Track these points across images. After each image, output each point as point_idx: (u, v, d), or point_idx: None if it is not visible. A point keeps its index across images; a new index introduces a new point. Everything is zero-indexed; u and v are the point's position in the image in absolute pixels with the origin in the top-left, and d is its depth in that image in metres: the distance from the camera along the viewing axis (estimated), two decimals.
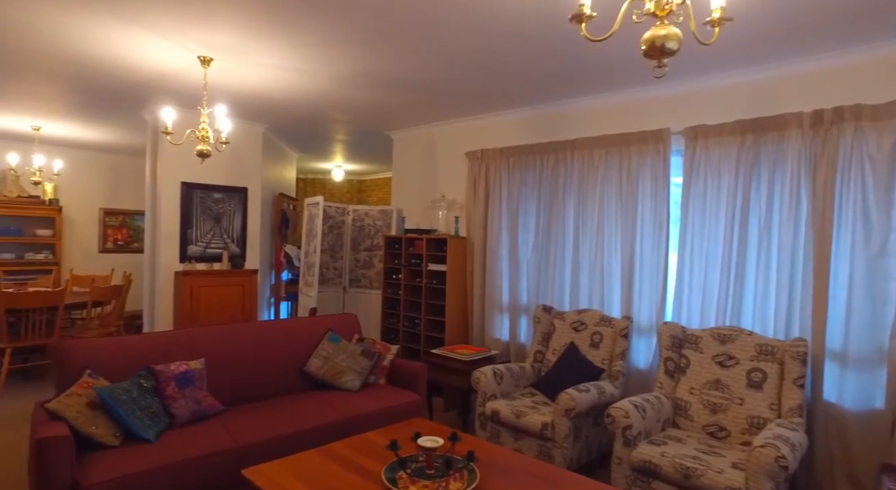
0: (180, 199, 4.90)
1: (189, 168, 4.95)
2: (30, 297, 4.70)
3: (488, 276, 4.61)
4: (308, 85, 3.97)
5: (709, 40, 1.42)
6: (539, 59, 3.28)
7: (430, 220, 5.25)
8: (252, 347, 3.41)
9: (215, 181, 5.13)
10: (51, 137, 6.39)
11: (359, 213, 5.70)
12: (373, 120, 5.12)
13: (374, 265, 5.63)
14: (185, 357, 3.11)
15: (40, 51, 3.34)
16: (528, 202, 4.41)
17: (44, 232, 6.87)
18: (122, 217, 7.81)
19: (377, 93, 4.15)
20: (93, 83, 4.04)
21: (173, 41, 3.14)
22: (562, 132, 4.25)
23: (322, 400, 3.29)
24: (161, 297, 4.85)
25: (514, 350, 4.42)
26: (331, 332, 3.77)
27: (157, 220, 4.88)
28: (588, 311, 3.77)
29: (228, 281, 5.00)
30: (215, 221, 5.13)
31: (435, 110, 4.70)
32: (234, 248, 5.26)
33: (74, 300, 5.10)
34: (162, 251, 4.84)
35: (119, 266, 7.65)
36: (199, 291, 4.80)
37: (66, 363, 2.75)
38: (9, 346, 4.67)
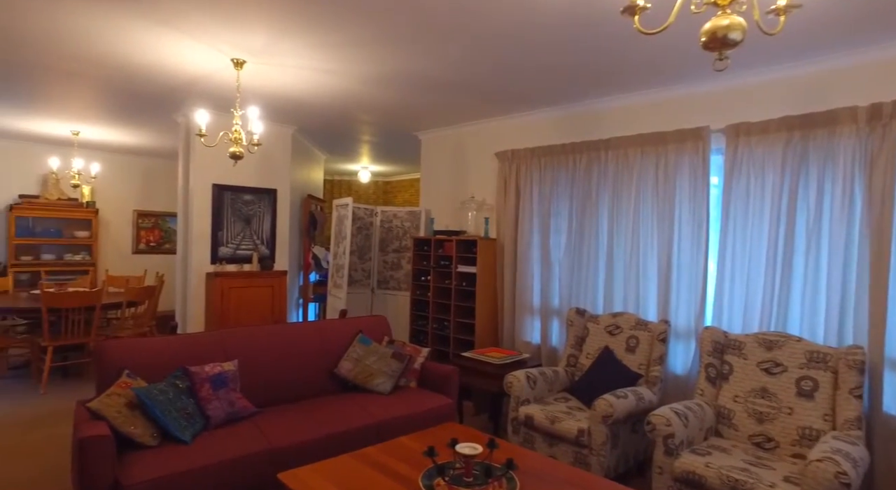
0: (211, 200, 4.96)
1: (220, 170, 5.00)
2: (70, 297, 4.81)
3: (519, 277, 4.54)
4: (337, 86, 3.97)
5: (773, 30, 1.34)
6: (573, 57, 3.20)
7: (459, 222, 5.21)
8: (284, 349, 3.41)
9: (245, 183, 5.17)
10: (89, 142, 6.56)
11: (387, 214, 5.69)
12: (400, 121, 5.10)
13: (402, 267, 5.61)
14: (219, 358, 3.12)
15: (82, 57, 3.40)
16: (560, 203, 4.32)
17: (81, 233, 7.05)
18: (155, 219, 7.96)
19: (406, 93, 4.12)
20: (130, 88, 4.11)
21: (208, 44, 3.16)
22: (595, 131, 4.16)
23: (353, 403, 3.27)
24: (193, 297, 4.91)
25: (546, 353, 4.33)
26: (361, 334, 3.75)
27: (189, 221, 4.94)
28: (623, 314, 3.67)
29: (258, 282, 5.04)
30: (245, 223, 5.17)
31: (464, 110, 4.65)
32: (264, 249, 5.29)
33: (110, 300, 5.20)
34: (194, 252, 4.90)
35: (151, 267, 7.80)
36: (230, 293, 4.85)
37: (105, 363, 2.79)
38: (51, 345, 4.78)
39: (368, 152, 7.10)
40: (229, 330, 3.32)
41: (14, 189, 6.80)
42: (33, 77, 3.91)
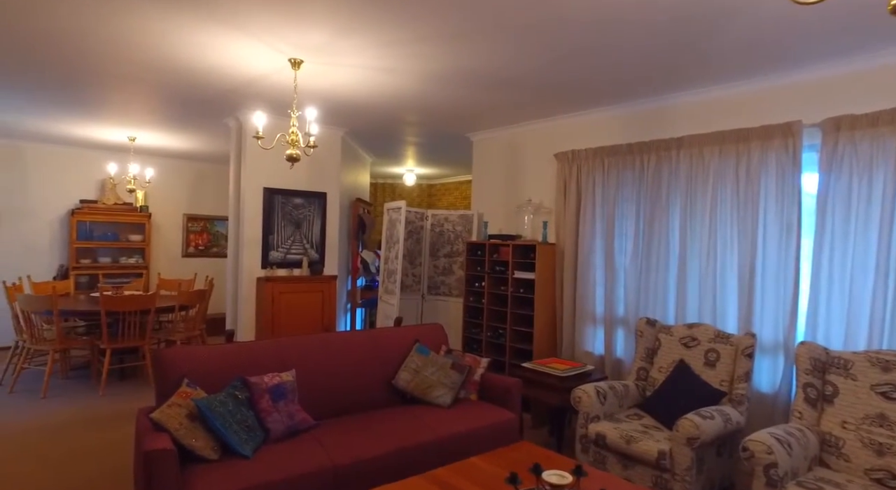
0: (262, 204, 4.92)
1: (271, 173, 4.96)
2: (126, 300, 4.85)
3: (580, 284, 4.30)
4: (393, 85, 3.84)
5: None
6: (646, 49, 2.97)
7: (514, 226, 5.01)
8: (340, 359, 3.29)
9: (296, 186, 5.12)
10: (144, 147, 6.68)
11: (438, 218, 5.54)
12: (453, 122, 4.95)
13: (453, 272, 5.45)
14: (276, 368, 3.02)
15: (140, 61, 3.38)
16: (626, 206, 4.07)
17: (135, 237, 7.19)
18: (203, 222, 8.06)
19: (464, 92, 3.96)
20: (185, 91, 4.10)
21: (267, 43, 3.08)
22: (665, 130, 3.89)
23: (413, 416, 3.11)
24: (244, 302, 4.87)
25: (610, 365, 4.08)
26: (418, 344, 3.60)
27: (241, 225, 4.91)
28: (700, 325, 3.39)
29: (308, 287, 4.96)
30: (295, 227, 5.11)
31: (522, 109, 4.46)
32: (314, 253, 5.22)
33: (163, 304, 5.23)
34: (244, 257, 4.87)
35: (200, 270, 7.90)
36: (280, 298, 4.79)
37: (165, 371, 2.72)
38: (109, 347, 4.83)
39: (414, 155, 6.99)
40: (286, 339, 3.22)
41: (75, 194, 6.99)
42: (94, 83, 3.94)
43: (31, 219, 6.76)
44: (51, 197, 6.86)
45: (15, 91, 4.23)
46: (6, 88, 4.15)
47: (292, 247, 5.09)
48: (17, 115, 5.14)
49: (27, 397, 4.66)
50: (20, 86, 4.07)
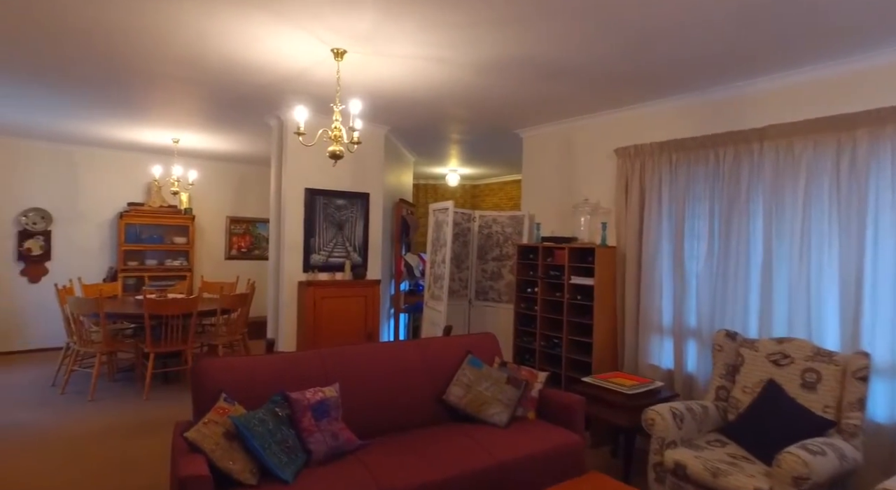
0: (304, 205, 4.74)
1: (313, 174, 4.78)
2: (169, 304, 4.76)
3: (644, 291, 3.92)
4: (442, 77, 3.57)
5: None
6: (725, 28, 2.59)
7: (568, 227, 4.66)
8: (386, 371, 3.04)
9: (338, 187, 4.93)
10: (187, 149, 6.67)
11: (486, 219, 5.24)
12: (502, 117, 4.64)
13: (503, 276, 5.14)
14: (319, 381, 2.79)
15: (181, 58, 3.23)
16: (698, 205, 3.67)
17: (180, 239, 7.19)
18: (246, 225, 8.03)
19: (518, 83, 3.65)
20: (226, 89, 3.96)
21: (308, 31, 2.87)
22: (744, 119, 3.47)
23: (467, 436, 2.83)
24: (285, 307, 4.70)
25: (681, 381, 3.68)
26: (471, 355, 3.31)
27: (282, 227, 4.75)
28: (792, 340, 2.97)
29: (351, 291, 4.75)
30: (338, 229, 4.92)
31: (579, 102, 4.11)
32: (356, 256, 5.02)
33: (205, 308, 5.14)
34: (286, 260, 4.70)
35: (242, 272, 7.86)
36: (322, 302, 4.59)
37: (202, 384, 2.53)
38: (152, 351, 4.76)
39: (458, 154, 6.72)
40: (328, 349, 3.00)
41: (123, 197, 7.05)
42: (136, 83, 3.84)
43: (82, 222, 6.85)
44: (100, 200, 6.94)
45: (62, 93, 4.19)
46: (54, 90, 4.12)
47: (334, 250, 4.89)
48: (66, 119, 5.15)
49: (76, 399, 4.65)
50: (65, 86, 4.03)
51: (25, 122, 5.41)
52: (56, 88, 4.09)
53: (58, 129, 5.71)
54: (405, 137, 5.71)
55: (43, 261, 6.61)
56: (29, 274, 6.57)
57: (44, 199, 6.60)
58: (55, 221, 6.66)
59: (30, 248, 6.52)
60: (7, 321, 6.42)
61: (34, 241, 6.55)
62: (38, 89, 4.11)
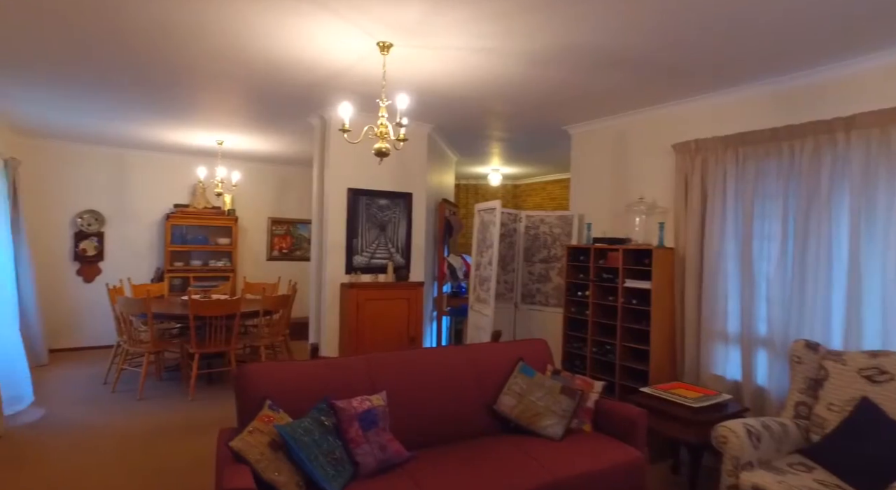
0: (346, 206, 4.66)
1: (355, 173, 4.70)
2: (213, 305, 4.77)
3: (707, 296, 3.65)
4: (490, 70, 3.41)
5: None
6: (808, 7, 2.33)
7: (621, 227, 4.41)
8: (435, 378, 2.90)
9: (381, 187, 4.83)
10: (231, 151, 6.73)
11: (533, 219, 5.04)
12: (551, 112, 4.44)
13: (550, 279, 4.93)
14: (365, 389, 2.68)
15: (226, 55, 3.19)
16: (770, 203, 3.38)
17: (223, 240, 7.28)
18: (287, 226, 8.07)
19: (569, 75, 3.45)
20: (269, 88, 3.91)
21: (354, 23, 2.76)
22: (825, 108, 3.17)
23: (520, 449, 2.66)
24: (327, 309, 4.63)
25: (750, 394, 3.39)
26: (522, 363, 3.14)
27: (324, 228, 4.69)
28: (890, 354, 2.66)
29: (394, 294, 4.65)
30: (380, 230, 4.82)
31: (634, 94, 3.87)
32: (399, 258, 4.91)
33: (248, 309, 5.13)
34: (328, 261, 4.63)
35: (283, 273, 7.90)
36: (365, 305, 4.50)
37: (246, 390, 2.44)
38: (197, 352, 4.78)
39: (501, 152, 6.54)
40: (375, 355, 2.88)
41: (170, 199, 7.18)
42: (182, 82, 3.84)
43: (132, 223, 7.01)
44: (149, 201, 7.09)
45: (115, 97, 4.25)
46: (108, 94, 4.17)
47: (377, 251, 4.80)
48: (118, 122, 5.25)
49: (126, 397, 4.72)
50: (118, 90, 4.07)
51: (82, 126, 5.55)
52: (110, 92, 4.14)
53: (110, 132, 5.85)
54: (448, 136, 5.58)
55: (96, 261, 6.80)
56: (84, 274, 6.76)
57: (97, 201, 6.79)
58: (107, 223, 6.85)
59: (85, 248, 6.72)
60: (64, 319, 6.63)
61: (89, 242, 6.74)
62: (94, 94, 4.18)
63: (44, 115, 5.04)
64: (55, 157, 6.55)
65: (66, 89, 4.10)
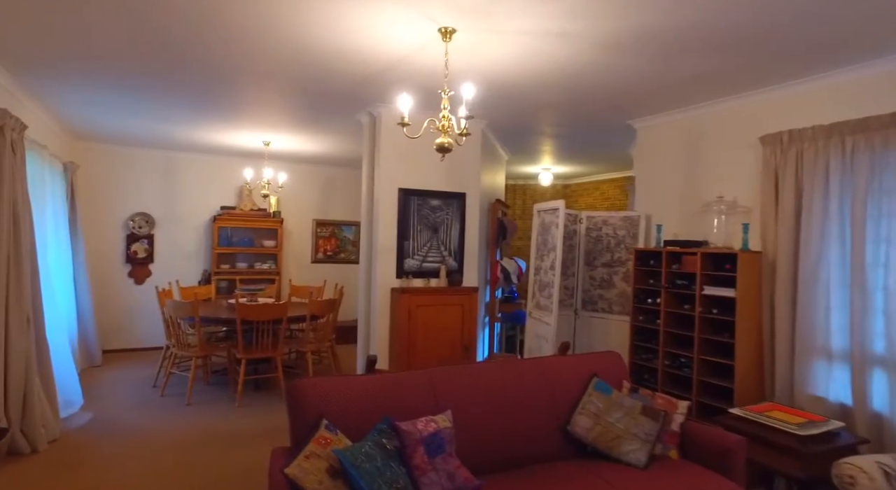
0: (398, 206, 4.44)
1: (407, 173, 4.48)
2: (260, 309, 4.64)
3: (803, 307, 3.23)
4: (556, 57, 3.12)
5: None
6: None
7: (697, 229, 4.03)
8: (503, 395, 2.62)
9: (433, 187, 4.59)
10: (277, 152, 6.64)
11: (595, 220, 4.70)
12: (616, 105, 4.10)
13: (614, 285, 4.57)
14: (428, 407, 2.42)
15: (275, 52, 3.02)
16: (888, 200, 2.94)
17: (269, 243, 7.21)
18: (332, 228, 7.96)
19: (648, 61, 3.12)
20: (318, 84, 3.73)
21: (416, 8, 2.52)
22: None
23: (600, 478, 2.35)
24: (378, 316, 4.42)
25: (864, 421, 2.95)
26: (597, 379, 2.82)
27: (375, 231, 4.49)
28: None
29: (447, 300, 4.40)
30: (432, 232, 4.58)
31: (719, 81, 3.49)
32: (451, 261, 4.66)
33: (295, 313, 4.98)
34: (379, 265, 4.42)
35: (328, 276, 7.79)
36: (417, 311, 4.26)
37: (300, 408, 2.23)
38: (244, 357, 4.67)
39: (553, 150, 6.21)
40: (437, 370, 2.62)
41: (217, 201, 7.18)
42: (234, 84, 3.71)
43: (181, 225, 7.03)
44: (197, 204, 7.10)
45: (165, 98, 4.18)
46: (158, 95, 4.10)
47: (429, 254, 4.56)
48: (168, 123, 5.22)
49: (174, 402, 4.66)
50: (168, 91, 3.99)
51: (132, 129, 5.56)
52: (158, 93, 4.07)
53: (159, 135, 5.85)
54: (501, 133, 5.30)
55: (147, 263, 6.85)
56: (135, 275, 6.82)
57: (148, 204, 6.83)
58: (157, 225, 6.88)
59: (136, 250, 6.77)
60: (117, 321, 6.69)
61: (139, 245, 6.79)
62: (142, 94, 4.11)
63: (95, 117, 5.04)
64: (108, 161, 6.62)
65: (115, 90, 4.05)
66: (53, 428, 3.79)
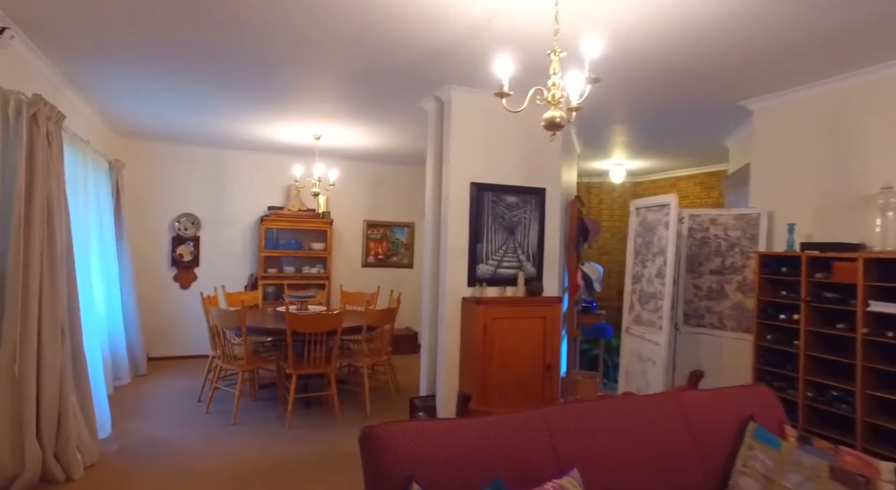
0: (470, 204, 3.86)
1: (479, 166, 3.89)
2: (313, 320, 4.15)
3: None
4: (693, 9, 2.46)
5: None
6: None
7: (845, 229, 3.27)
8: (639, 442, 1.99)
9: (509, 181, 3.98)
10: (327, 148, 6.18)
11: (700, 219, 3.98)
12: (731, 80, 3.39)
13: (726, 295, 3.84)
14: (546, 462, 1.81)
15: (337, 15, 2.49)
16: None
17: (317, 245, 6.77)
18: (383, 229, 7.46)
19: (804, 14, 2.43)
20: (384, 57, 3.19)
21: None
22: None
23: None
24: (446, 329, 3.84)
25: None
26: (755, 425, 2.15)
27: (443, 232, 3.92)
28: None
29: (528, 312, 3.78)
30: (508, 233, 3.98)
31: (870, 43, 2.76)
32: (530, 267, 4.04)
33: (350, 324, 4.47)
34: (448, 271, 3.84)
35: (380, 281, 7.30)
36: (493, 325, 3.66)
37: (381, 465, 1.66)
38: (295, 373, 4.18)
39: (627, 142, 5.51)
40: (551, 410, 2.01)
41: (264, 201, 6.79)
42: (287, 68, 3.22)
43: (228, 226, 6.68)
44: (243, 203, 6.73)
45: (213, 87, 3.74)
46: (205, 85, 3.67)
47: (504, 258, 3.96)
48: (211, 117, 4.83)
49: (220, 421, 4.23)
50: (216, 80, 3.55)
51: (177, 124, 5.20)
52: (207, 83, 3.66)
53: (206, 130, 5.48)
54: (577, 118, 4.65)
55: (192, 267, 6.51)
56: (180, 279, 6.49)
57: (194, 204, 6.51)
58: (203, 226, 6.54)
59: (181, 253, 6.45)
60: (162, 327, 6.38)
61: (185, 247, 6.47)
62: (191, 85, 3.70)
63: (137, 109, 4.69)
64: (153, 159, 6.33)
65: (159, 75, 3.63)
66: (91, 451, 3.39)
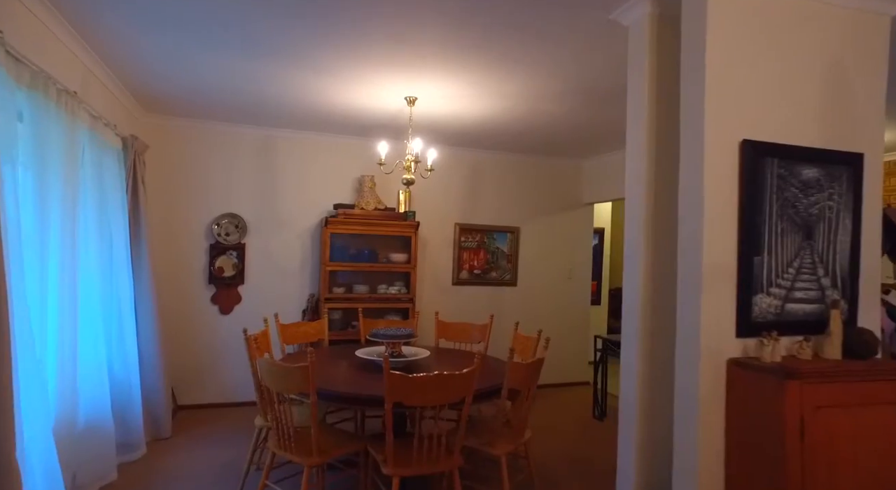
0: (739, 180, 2.03)
1: (752, 110, 2.06)
2: (434, 386, 2.39)
3: None
4: None
5: None
6: None
7: None
8: None
9: (804, 140, 2.13)
10: (422, 118, 4.40)
11: None
12: None
13: None
14: None
15: None
16: None
17: (398, 256, 5.06)
18: (480, 235, 5.69)
19: None
20: None
21: None
22: None
23: None
24: (695, 421, 2.00)
25: None
26: None
27: (682, 235, 2.10)
28: None
29: (873, 391, 1.89)
30: (803, 236, 2.12)
31: None
32: (836, 296, 2.15)
33: (483, 385, 2.71)
34: (692, 309, 2.01)
35: (475, 303, 5.54)
36: (817, 420, 1.79)
37: None
38: (396, 474, 2.45)
39: None
40: None
41: (328, 197, 5.16)
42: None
43: (282, 231, 5.07)
44: (302, 201, 5.12)
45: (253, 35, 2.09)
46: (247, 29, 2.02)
47: (797, 282, 2.10)
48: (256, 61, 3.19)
49: None
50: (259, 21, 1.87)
51: (217, 93, 3.60)
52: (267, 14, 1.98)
53: (257, 100, 3.87)
54: None
55: (236, 284, 4.92)
56: (220, 302, 4.91)
57: (238, 202, 4.93)
58: (249, 231, 4.96)
59: (222, 266, 4.87)
60: (195, 366, 4.80)
61: (226, 258, 4.88)
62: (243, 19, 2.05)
63: (169, 63, 3.10)
64: (185, 142, 4.79)
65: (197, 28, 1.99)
66: None
